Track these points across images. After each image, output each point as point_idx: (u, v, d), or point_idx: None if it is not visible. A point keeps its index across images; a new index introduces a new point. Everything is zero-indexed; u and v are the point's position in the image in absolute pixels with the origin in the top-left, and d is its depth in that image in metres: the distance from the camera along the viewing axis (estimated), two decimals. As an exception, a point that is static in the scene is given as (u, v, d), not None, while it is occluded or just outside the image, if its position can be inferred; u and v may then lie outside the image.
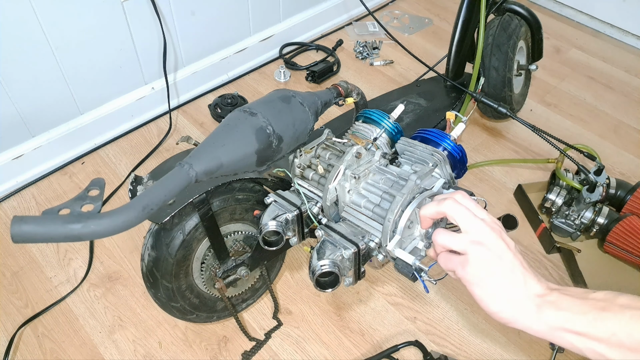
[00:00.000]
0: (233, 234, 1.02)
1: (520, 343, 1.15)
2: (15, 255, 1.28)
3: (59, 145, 1.45)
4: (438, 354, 1.10)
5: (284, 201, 0.91)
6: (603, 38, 2.04)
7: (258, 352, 1.12)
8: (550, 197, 1.32)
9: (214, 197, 0.94)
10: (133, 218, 0.63)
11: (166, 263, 0.93)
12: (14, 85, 1.28)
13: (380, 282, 1.24)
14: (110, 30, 1.38)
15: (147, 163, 1.50)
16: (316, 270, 0.77)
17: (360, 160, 0.88)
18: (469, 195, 0.69)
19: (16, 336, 1.13)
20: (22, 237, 0.55)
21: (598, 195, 1.26)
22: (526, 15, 1.47)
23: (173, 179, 0.70)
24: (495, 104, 1.22)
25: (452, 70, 1.51)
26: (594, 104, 1.75)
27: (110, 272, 1.25)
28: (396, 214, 0.77)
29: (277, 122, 0.83)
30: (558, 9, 2.15)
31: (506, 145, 1.60)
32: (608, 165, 1.53)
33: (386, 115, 1.00)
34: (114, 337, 1.14)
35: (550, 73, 1.86)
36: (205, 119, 1.64)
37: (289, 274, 1.26)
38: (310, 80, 1.77)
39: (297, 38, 1.92)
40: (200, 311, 1.06)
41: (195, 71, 1.67)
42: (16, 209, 1.38)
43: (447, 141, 0.97)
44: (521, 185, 1.41)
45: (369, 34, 1.99)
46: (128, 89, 1.54)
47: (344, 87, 1.04)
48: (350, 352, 1.13)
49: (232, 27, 1.70)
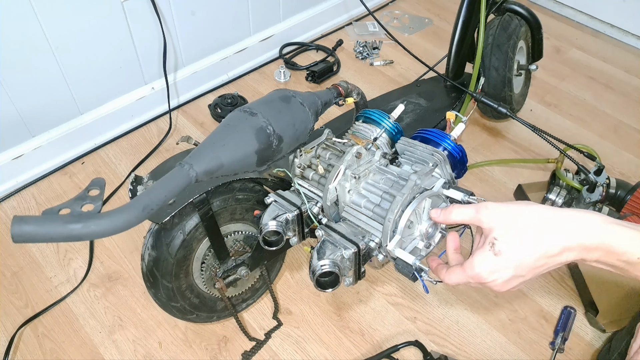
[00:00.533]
0: (233, 233, 1.02)
1: (521, 343, 1.15)
2: (15, 255, 1.28)
3: (59, 145, 1.45)
4: (438, 354, 1.10)
5: (284, 201, 0.91)
6: (603, 38, 2.04)
7: (258, 352, 1.12)
8: (550, 197, 1.32)
9: (214, 197, 0.94)
10: (133, 218, 0.63)
11: (166, 263, 0.93)
12: (14, 85, 1.28)
13: (380, 282, 1.24)
14: (110, 30, 1.38)
15: (147, 163, 1.50)
16: (316, 270, 0.77)
17: (361, 160, 0.88)
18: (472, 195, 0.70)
19: (16, 336, 1.13)
20: (22, 237, 0.55)
21: (598, 195, 1.26)
22: (526, 15, 1.47)
23: (173, 179, 0.70)
24: (495, 104, 1.22)
25: (452, 70, 1.51)
26: (594, 104, 1.75)
27: (110, 272, 1.25)
28: (396, 214, 0.77)
29: (277, 122, 0.83)
30: (558, 9, 2.15)
31: (506, 145, 1.60)
32: (608, 165, 1.53)
33: (386, 115, 1.00)
34: (114, 337, 1.14)
35: (550, 73, 1.86)
36: (205, 119, 1.64)
37: (289, 274, 1.26)
38: (310, 80, 1.77)
39: (297, 38, 1.92)
40: (200, 311, 1.06)
41: (195, 71, 1.67)
42: (16, 209, 1.38)
43: (447, 141, 0.97)
44: (521, 185, 1.41)
45: (369, 34, 1.99)
46: (128, 89, 1.54)
47: (344, 87, 1.04)
48: (350, 352, 1.13)
49: (232, 27, 1.70)
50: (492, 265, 0.61)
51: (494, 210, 0.62)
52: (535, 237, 0.58)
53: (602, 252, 0.57)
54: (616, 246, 0.56)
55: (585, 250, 0.57)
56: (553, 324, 1.18)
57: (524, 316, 1.19)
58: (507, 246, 0.60)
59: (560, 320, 1.17)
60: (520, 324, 1.18)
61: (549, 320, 1.19)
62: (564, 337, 1.13)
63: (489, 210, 0.63)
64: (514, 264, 0.59)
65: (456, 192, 0.80)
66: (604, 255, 0.57)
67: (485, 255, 0.61)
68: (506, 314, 1.20)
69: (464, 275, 0.64)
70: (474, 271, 0.62)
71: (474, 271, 0.62)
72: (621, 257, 0.56)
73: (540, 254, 0.58)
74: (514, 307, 1.21)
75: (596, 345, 1.15)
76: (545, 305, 1.21)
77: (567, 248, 0.57)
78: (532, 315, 1.19)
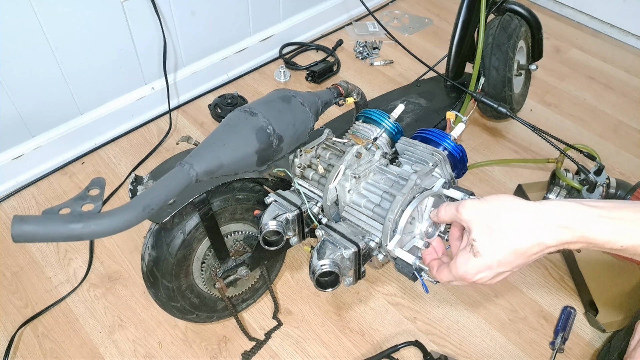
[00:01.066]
0: (233, 233, 1.02)
1: (520, 343, 1.15)
2: (15, 255, 1.28)
3: (59, 145, 1.45)
4: (438, 354, 1.10)
5: (284, 201, 0.91)
6: (603, 38, 2.04)
7: (258, 352, 1.12)
8: (550, 197, 1.32)
9: (215, 197, 0.94)
10: (133, 218, 0.63)
11: (166, 263, 0.93)
12: (14, 85, 1.28)
13: (380, 282, 1.25)
14: (110, 30, 1.38)
15: (147, 163, 1.50)
16: (316, 270, 0.77)
17: (361, 160, 0.88)
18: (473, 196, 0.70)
19: (16, 336, 1.13)
20: (23, 237, 0.55)
21: (598, 195, 1.26)
22: (526, 15, 1.47)
23: (173, 178, 0.70)
24: (495, 104, 1.22)
25: (452, 70, 1.51)
26: (594, 104, 1.75)
27: (110, 272, 1.25)
28: (396, 214, 0.77)
29: (277, 122, 0.83)
30: (558, 9, 2.15)
31: (506, 145, 1.60)
32: (608, 165, 1.53)
33: (386, 115, 1.00)
34: (114, 337, 1.14)
35: (550, 73, 1.86)
36: (205, 119, 1.64)
37: (289, 274, 1.26)
38: (310, 80, 1.77)
39: (297, 38, 1.93)
40: (200, 311, 1.06)
41: (195, 71, 1.67)
42: (16, 209, 1.38)
43: (448, 141, 0.97)
44: (521, 185, 1.41)
45: (369, 34, 1.99)
46: (128, 89, 1.54)
47: (344, 87, 1.04)
48: (350, 352, 1.13)
49: (232, 27, 1.70)
50: (475, 267, 0.61)
51: (471, 208, 0.62)
52: (513, 236, 0.58)
53: (584, 244, 0.57)
54: (597, 238, 0.55)
55: (565, 244, 0.57)
56: (553, 324, 1.18)
57: (524, 316, 1.19)
58: (486, 247, 0.59)
59: (560, 320, 1.17)
60: (520, 324, 1.18)
61: (549, 320, 1.19)
62: (564, 337, 1.13)
63: (466, 208, 0.62)
64: (495, 263, 0.59)
65: (456, 192, 0.80)
66: (586, 245, 0.57)
67: (466, 256, 0.62)
68: (506, 314, 1.20)
69: (451, 275, 0.65)
70: (458, 273, 0.63)
71: (459, 273, 0.63)
72: (604, 246, 0.56)
73: (520, 253, 0.58)
74: (514, 307, 1.21)
75: (596, 345, 1.15)
76: (545, 305, 1.21)
77: (546, 246, 0.57)
78: (532, 315, 1.19)
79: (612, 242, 0.55)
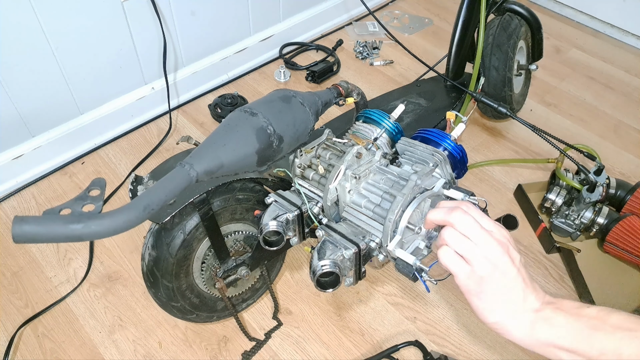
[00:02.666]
0: (233, 233, 1.02)
1: (521, 343, 1.15)
2: (15, 255, 1.28)
3: (59, 145, 1.45)
4: (438, 354, 1.10)
5: (285, 201, 0.91)
6: (603, 38, 2.04)
7: (258, 352, 1.12)
8: (550, 197, 1.32)
9: (215, 197, 0.94)
10: (134, 218, 0.62)
11: (167, 263, 0.93)
12: (14, 85, 1.28)
13: (380, 282, 1.25)
14: (110, 31, 1.38)
15: (147, 163, 1.50)
16: (317, 270, 0.77)
17: (361, 160, 0.88)
18: (476, 205, 0.70)
19: (16, 336, 1.13)
20: (23, 237, 0.55)
21: (598, 195, 1.26)
22: (526, 15, 1.47)
23: (174, 179, 0.70)
24: (495, 104, 1.22)
25: (452, 70, 1.51)
26: (594, 104, 1.75)
27: (110, 272, 1.25)
28: (397, 214, 0.77)
29: (277, 122, 0.83)
30: (558, 9, 2.15)
31: (506, 145, 1.60)
32: (608, 165, 1.53)
33: (386, 115, 1.00)
34: (114, 337, 1.14)
35: (550, 73, 1.86)
36: (205, 119, 1.64)
37: (289, 274, 1.26)
38: (310, 80, 1.77)
39: (297, 38, 1.92)
40: (200, 311, 1.06)
41: (195, 71, 1.67)
42: (16, 209, 1.38)
43: (448, 141, 0.97)
44: (521, 185, 1.41)
45: (369, 34, 1.99)
46: (128, 89, 1.54)
47: (344, 87, 1.04)
48: (350, 352, 1.13)
49: (232, 27, 1.70)
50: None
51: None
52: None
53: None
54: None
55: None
56: (553, 324, 1.18)
57: (524, 316, 1.19)
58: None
59: (560, 320, 1.17)
60: (520, 324, 1.18)
61: (549, 320, 1.19)
62: (564, 337, 1.13)
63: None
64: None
65: (456, 192, 0.80)
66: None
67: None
68: (506, 314, 1.19)
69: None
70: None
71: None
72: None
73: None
74: (514, 307, 1.21)
75: (596, 345, 1.15)
76: (545, 305, 1.21)
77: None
78: (532, 315, 1.19)
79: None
